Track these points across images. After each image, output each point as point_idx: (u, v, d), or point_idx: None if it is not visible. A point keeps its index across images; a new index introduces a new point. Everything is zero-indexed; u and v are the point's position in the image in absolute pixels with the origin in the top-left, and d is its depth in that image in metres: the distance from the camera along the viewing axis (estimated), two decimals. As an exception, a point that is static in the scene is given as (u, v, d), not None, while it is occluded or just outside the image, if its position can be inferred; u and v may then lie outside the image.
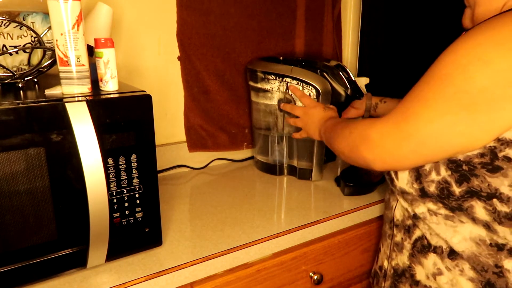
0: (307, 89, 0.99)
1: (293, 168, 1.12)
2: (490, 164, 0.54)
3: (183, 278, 0.70)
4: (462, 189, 0.58)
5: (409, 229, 0.70)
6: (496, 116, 0.51)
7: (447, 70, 0.54)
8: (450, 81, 0.53)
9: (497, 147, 0.53)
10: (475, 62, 0.51)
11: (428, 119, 0.55)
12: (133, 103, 0.66)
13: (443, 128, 0.54)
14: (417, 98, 0.57)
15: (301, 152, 1.09)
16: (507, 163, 0.53)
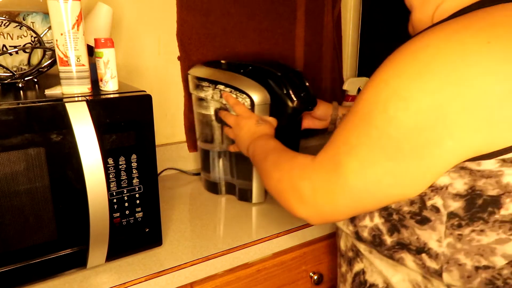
0: (241, 98, 0.86)
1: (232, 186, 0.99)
2: (419, 214, 0.48)
3: (183, 278, 0.70)
4: (393, 240, 0.52)
5: (350, 261, 0.64)
6: (425, 163, 0.43)
7: (368, 108, 0.46)
8: (372, 123, 0.45)
9: (427, 193, 0.47)
10: (394, 98, 0.43)
11: (355, 170, 0.47)
12: (133, 103, 0.66)
13: (372, 181, 0.46)
14: (343, 142, 0.49)
15: (240, 169, 0.95)
16: (435, 214, 0.47)
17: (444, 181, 0.45)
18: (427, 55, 0.41)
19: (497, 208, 0.43)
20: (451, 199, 0.45)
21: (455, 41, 0.40)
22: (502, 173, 0.41)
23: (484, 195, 0.43)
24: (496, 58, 0.39)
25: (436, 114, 0.40)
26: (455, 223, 0.45)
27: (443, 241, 0.47)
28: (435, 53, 0.41)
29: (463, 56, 0.40)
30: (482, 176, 0.42)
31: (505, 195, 0.42)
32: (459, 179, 0.44)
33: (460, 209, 0.45)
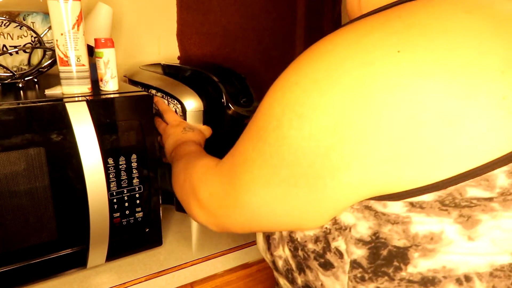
0: (173, 104, 0.82)
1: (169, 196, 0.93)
2: (322, 256, 0.40)
3: (183, 278, 0.70)
4: (302, 280, 0.44)
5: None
6: (318, 195, 0.35)
7: (263, 121, 0.38)
8: (265, 139, 0.37)
9: (331, 231, 0.38)
10: (289, 114, 0.35)
11: (248, 186, 0.40)
12: (133, 103, 0.66)
13: (263, 202, 0.39)
14: (240, 151, 0.42)
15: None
16: (339, 260, 0.38)
17: (349, 221, 0.37)
18: (329, 62, 0.33)
19: (403, 263, 0.34)
20: (353, 245, 0.37)
21: (362, 48, 0.32)
22: (410, 221, 0.33)
23: (389, 245, 0.35)
24: (403, 72, 0.30)
25: (331, 139, 0.32)
26: (358, 275, 0.37)
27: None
28: (338, 61, 0.33)
29: (368, 67, 0.31)
30: (387, 221, 0.34)
31: (413, 248, 0.34)
32: (363, 221, 0.36)
33: (364, 259, 0.36)
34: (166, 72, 0.93)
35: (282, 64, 1.26)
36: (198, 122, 0.84)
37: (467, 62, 0.29)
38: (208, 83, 0.86)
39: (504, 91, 0.29)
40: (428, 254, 0.33)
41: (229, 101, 0.84)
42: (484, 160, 0.29)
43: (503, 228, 0.31)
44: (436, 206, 0.32)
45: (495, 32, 0.30)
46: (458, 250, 0.32)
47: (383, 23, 0.33)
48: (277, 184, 0.37)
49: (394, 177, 0.32)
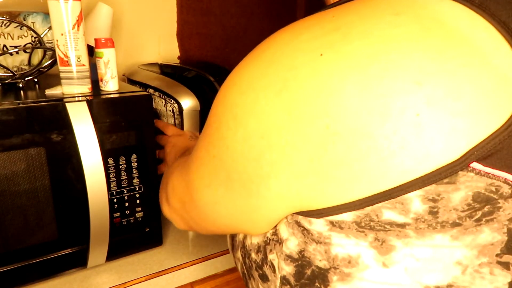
0: (170, 103, 0.83)
1: None
2: (261, 267, 0.39)
3: (183, 278, 0.71)
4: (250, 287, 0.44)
5: None
6: (254, 202, 0.34)
7: (210, 121, 0.37)
8: (210, 138, 0.37)
9: (270, 243, 0.38)
10: (227, 114, 0.34)
11: (196, 185, 0.40)
12: (134, 103, 0.66)
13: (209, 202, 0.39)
14: (195, 150, 0.41)
15: None
16: (272, 274, 0.38)
17: (283, 235, 0.36)
18: (261, 65, 0.32)
19: (324, 285, 0.34)
20: (283, 261, 0.36)
21: (289, 50, 0.30)
22: (330, 242, 0.32)
23: (312, 264, 0.34)
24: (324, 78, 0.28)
25: (261, 143, 0.31)
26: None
27: None
28: (269, 62, 0.31)
29: (292, 70, 0.29)
30: (312, 240, 0.33)
31: (332, 271, 0.33)
32: (293, 237, 0.35)
33: (291, 276, 0.36)
34: (164, 72, 0.93)
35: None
36: (194, 121, 0.84)
37: (384, 71, 0.27)
38: (205, 82, 0.87)
39: (418, 107, 0.26)
40: (346, 279, 0.32)
41: None
42: (399, 182, 0.27)
43: (416, 257, 0.30)
44: (353, 227, 0.30)
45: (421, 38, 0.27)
46: (373, 278, 0.31)
47: (316, 24, 0.31)
48: (219, 185, 0.37)
49: (316, 192, 0.30)
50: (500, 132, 0.26)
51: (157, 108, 0.86)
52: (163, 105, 0.85)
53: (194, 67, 0.92)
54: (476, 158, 0.26)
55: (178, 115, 0.84)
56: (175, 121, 0.85)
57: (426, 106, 0.26)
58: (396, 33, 0.28)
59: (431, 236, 0.29)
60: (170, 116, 0.86)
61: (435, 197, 0.27)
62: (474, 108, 0.26)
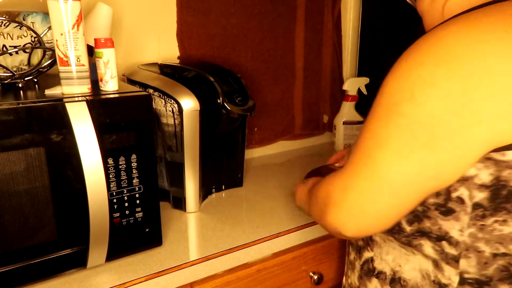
0: (170, 103, 0.83)
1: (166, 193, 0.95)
2: (443, 205, 0.49)
3: (183, 278, 0.70)
4: (413, 228, 0.53)
5: (360, 249, 0.65)
6: (458, 150, 0.43)
7: (395, 98, 0.45)
8: (399, 111, 0.44)
9: (453, 184, 0.47)
10: (420, 85, 0.43)
11: (389, 163, 0.45)
12: (133, 103, 0.66)
13: (409, 172, 0.45)
14: (370, 138, 0.47)
15: (172, 176, 0.92)
16: (460, 205, 0.47)
17: (470, 172, 0.45)
18: (448, 43, 0.42)
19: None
20: (476, 190, 0.46)
21: (474, 30, 0.41)
22: None
23: (508, 185, 0.44)
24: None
25: (463, 99, 0.40)
26: (479, 213, 0.46)
27: (465, 231, 0.48)
28: (455, 41, 0.42)
29: (481, 43, 0.40)
30: (507, 167, 0.43)
31: None
32: (484, 170, 0.44)
33: (485, 200, 0.46)
34: (163, 72, 0.93)
35: (282, 65, 1.26)
36: (194, 121, 0.84)
37: None
38: (204, 82, 0.87)
39: None
40: None
41: (224, 101, 0.85)
42: None
43: None
44: None
45: None
46: None
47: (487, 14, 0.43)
48: (419, 151, 0.44)
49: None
50: None
51: (157, 108, 0.86)
52: (163, 105, 0.85)
53: (194, 67, 0.92)
54: None
55: (178, 115, 0.84)
56: (175, 121, 0.85)
57: None
58: None
59: None
60: (170, 116, 0.86)
61: None
62: None
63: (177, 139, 0.87)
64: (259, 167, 1.21)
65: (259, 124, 1.26)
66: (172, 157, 0.89)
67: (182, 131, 0.84)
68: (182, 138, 0.85)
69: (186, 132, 0.84)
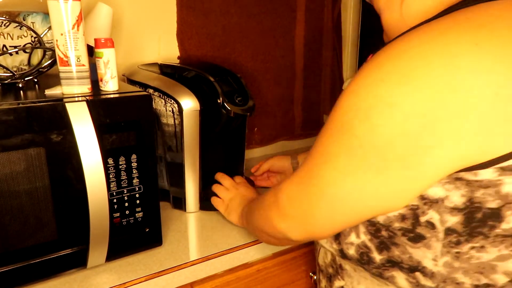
0: (170, 103, 0.84)
1: (166, 193, 0.95)
2: (411, 231, 0.45)
3: (183, 278, 0.70)
4: (383, 258, 0.49)
5: (330, 277, 0.61)
6: (411, 173, 0.40)
7: (348, 117, 0.43)
8: (352, 132, 0.42)
9: (420, 207, 0.43)
10: (378, 105, 0.40)
11: (332, 180, 0.45)
12: (133, 103, 0.66)
13: (351, 191, 0.44)
14: (320, 152, 0.47)
15: (172, 176, 0.92)
16: (431, 231, 0.43)
17: (439, 194, 0.42)
18: (411, 59, 0.39)
19: (498, 221, 0.40)
20: (448, 214, 0.42)
21: (440, 43, 0.38)
22: (502, 182, 0.38)
23: (483, 207, 0.40)
24: (485, 60, 0.36)
25: (423, 120, 0.38)
26: (453, 240, 0.42)
27: (439, 260, 0.44)
28: (420, 56, 0.38)
29: (449, 59, 0.37)
30: (480, 187, 0.40)
31: (506, 207, 0.39)
32: (455, 191, 0.41)
33: (459, 224, 0.42)
34: (163, 72, 0.93)
35: (282, 65, 1.26)
36: (195, 121, 0.84)
37: None
38: (204, 83, 0.87)
39: None
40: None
41: (224, 101, 0.85)
42: None
43: None
44: None
45: None
46: None
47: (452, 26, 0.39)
48: (365, 171, 0.42)
49: (484, 147, 0.37)
50: None
51: (157, 108, 0.86)
52: (163, 105, 0.85)
53: (194, 67, 0.92)
54: None
55: (178, 115, 0.84)
56: (175, 121, 0.85)
57: None
58: None
59: None
60: (170, 116, 0.86)
61: None
62: None
63: (177, 139, 0.87)
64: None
65: (259, 124, 1.26)
66: (172, 157, 0.89)
67: (182, 131, 0.84)
68: (182, 138, 0.85)
69: (186, 132, 0.84)
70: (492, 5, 0.39)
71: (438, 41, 0.38)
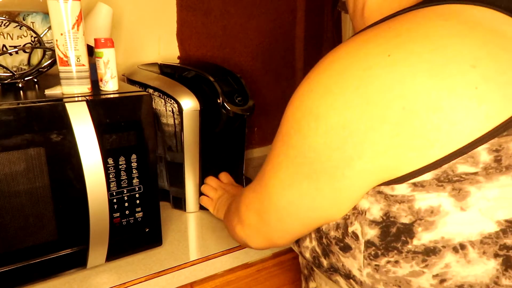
0: (170, 103, 0.84)
1: (166, 193, 0.96)
2: (341, 240, 0.45)
3: (183, 278, 0.70)
4: (328, 262, 0.50)
5: (306, 278, 0.62)
6: (338, 185, 0.41)
7: (286, 127, 0.45)
8: (289, 142, 0.44)
9: (350, 217, 0.44)
10: (307, 117, 0.41)
11: (277, 190, 0.47)
12: (133, 103, 0.66)
13: (292, 201, 0.46)
14: (269, 161, 0.48)
15: (172, 176, 0.92)
16: (355, 242, 0.44)
17: (364, 206, 0.43)
18: (336, 70, 0.40)
19: (409, 237, 0.40)
20: (367, 226, 0.42)
21: (361, 54, 0.39)
22: (414, 198, 0.39)
23: (397, 222, 0.41)
24: (394, 72, 0.36)
25: (344, 132, 0.38)
26: (372, 252, 0.43)
27: (363, 271, 0.45)
28: (343, 67, 0.39)
29: (366, 70, 0.38)
30: (396, 201, 0.40)
31: (417, 223, 0.39)
32: (375, 204, 0.41)
33: (376, 238, 0.42)
34: (163, 72, 0.93)
35: (282, 65, 1.26)
36: (194, 121, 0.84)
37: (445, 60, 0.35)
38: (204, 82, 0.87)
39: (476, 82, 0.35)
40: (430, 228, 0.39)
41: (224, 101, 0.85)
42: (468, 140, 0.35)
43: (487, 198, 0.37)
44: (434, 183, 0.37)
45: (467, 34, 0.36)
46: (453, 221, 0.38)
47: (376, 35, 0.40)
48: (301, 181, 0.43)
49: (398, 161, 0.38)
50: None
51: (156, 108, 0.86)
52: (163, 105, 0.85)
53: (194, 67, 0.92)
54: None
55: (177, 115, 0.84)
56: (175, 121, 0.85)
57: (482, 81, 0.35)
58: (449, 33, 0.37)
59: (498, 179, 0.36)
60: (170, 116, 0.86)
61: (498, 148, 0.35)
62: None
63: (177, 139, 0.87)
64: (259, 167, 1.21)
65: (259, 124, 1.26)
66: (172, 157, 0.89)
67: (182, 131, 0.84)
68: (182, 138, 0.85)
69: (186, 132, 0.84)
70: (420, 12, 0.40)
71: (360, 52, 0.39)
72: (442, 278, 0.40)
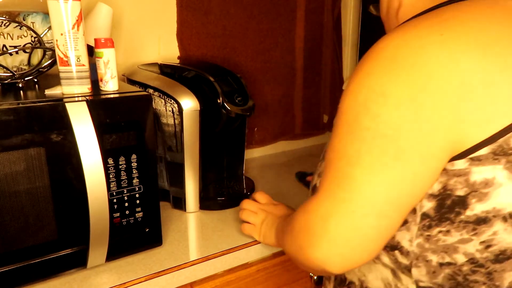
0: (170, 103, 0.83)
1: (166, 193, 0.95)
2: None
3: (183, 278, 0.70)
4: None
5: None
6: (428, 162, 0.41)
7: (352, 114, 0.43)
8: (361, 126, 0.42)
9: None
10: (372, 95, 0.42)
11: (365, 179, 0.42)
12: (133, 103, 0.66)
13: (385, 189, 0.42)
14: (338, 158, 0.44)
15: (172, 176, 0.91)
16: (412, 216, 0.46)
17: None
18: (390, 51, 0.42)
19: (463, 208, 0.43)
20: (426, 199, 0.44)
21: (413, 35, 0.42)
22: (470, 171, 0.41)
23: (453, 195, 0.43)
24: (449, 49, 0.39)
25: (413, 105, 0.40)
26: (426, 224, 0.45)
27: (414, 241, 0.47)
28: (396, 48, 0.42)
29: (420, 48, 0.40)
30: (453, 175, 0.42)
31: (471, 195, 0.42)
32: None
33: (432, 210, 0.44)
34: (163, 72, 0.93)
35: (282, 65, 1.26)
36: (194, 121, 0.84)
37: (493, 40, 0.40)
38: (204, 82, 0.87)
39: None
40: (483, 199, 0.42)
41: (224, 101, 0.85)
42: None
43: None
44: (490, 157, 0.40)
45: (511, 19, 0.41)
46: (506, 192, 0.41)
47: (423, 20, 0.43)
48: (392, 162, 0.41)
49: (460, 136, 0.40)
50: None
51: (156, 108, 0.86)
52: (163, 105, 0.85)
53: (194, 67, 0.92)
54: None
55: (177, 115, 0.84)
56: (175, 121, 0.85)
57: None
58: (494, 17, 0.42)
59: None
60: (170, 116, 0.86)
61: None
62: None
63: (177, 139, 0.87)
64: (259, 167, 1.21)
65: (259, 124, 1.26)
66: (172, 157, 0.90)
67: (182, 131, 0.84)
68: (182, 138, 0.85)
69: (186, 132, 0.84)
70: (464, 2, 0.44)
71: (411, 34, 0.42)
72: (488, 244, 0.44)
